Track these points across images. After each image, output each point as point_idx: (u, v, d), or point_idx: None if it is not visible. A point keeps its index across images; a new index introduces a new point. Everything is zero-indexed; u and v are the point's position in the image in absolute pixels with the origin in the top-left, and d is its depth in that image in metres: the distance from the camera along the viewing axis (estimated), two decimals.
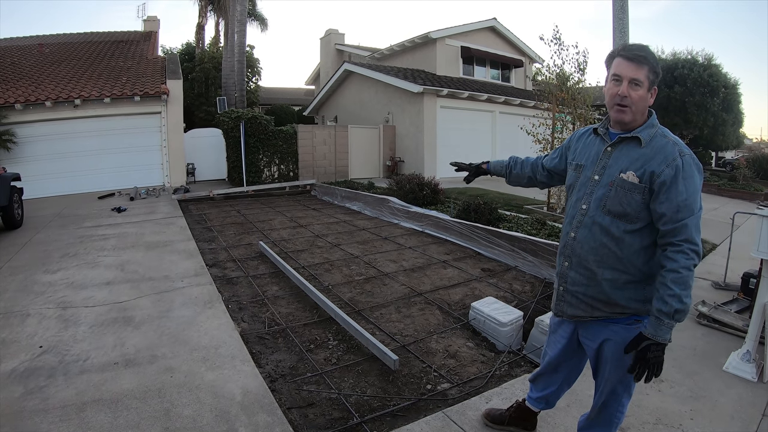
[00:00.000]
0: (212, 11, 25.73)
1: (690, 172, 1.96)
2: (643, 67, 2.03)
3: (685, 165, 1.96)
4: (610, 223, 2.11)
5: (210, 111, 20.50)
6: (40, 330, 4.27)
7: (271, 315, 4.89)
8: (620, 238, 2.09)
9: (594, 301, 2.19)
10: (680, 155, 1.97)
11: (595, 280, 2.17)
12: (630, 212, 2.06)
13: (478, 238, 7.63)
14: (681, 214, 1.93)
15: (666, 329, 1.93)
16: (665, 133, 2.08)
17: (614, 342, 2.17)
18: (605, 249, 2.13)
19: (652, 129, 2.09)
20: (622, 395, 2.27)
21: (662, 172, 1.98)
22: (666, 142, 2.03)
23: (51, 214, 10.14)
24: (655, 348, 1.94)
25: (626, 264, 2.09)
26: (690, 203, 1.93)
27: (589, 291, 2.20)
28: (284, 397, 3.36)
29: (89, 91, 13.76)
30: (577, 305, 2.27)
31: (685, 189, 1.94)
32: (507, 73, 22.14)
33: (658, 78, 2.07)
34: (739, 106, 22.56)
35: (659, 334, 1.93)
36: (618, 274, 2.10)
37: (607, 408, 2.32)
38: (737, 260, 5.91)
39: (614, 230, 2.10)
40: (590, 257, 2.18)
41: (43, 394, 3.20)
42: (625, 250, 2.09)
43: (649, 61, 2.04)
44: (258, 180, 15.41)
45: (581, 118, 9.86)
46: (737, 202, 14.27)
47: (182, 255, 6.89)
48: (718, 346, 4.14)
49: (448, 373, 3.83)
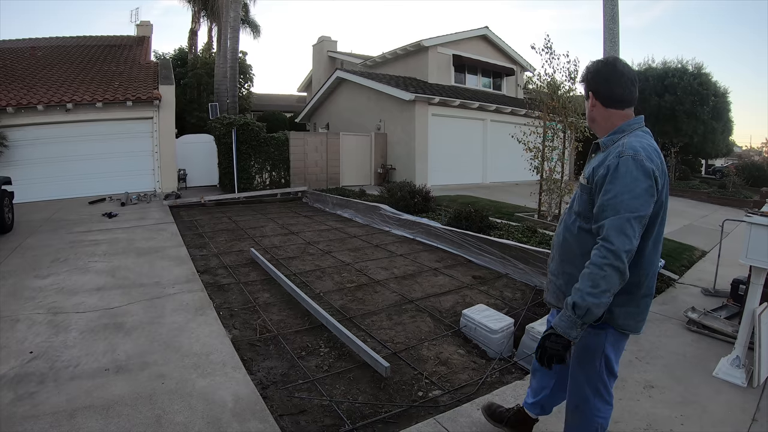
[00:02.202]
0: (205, 17, 25.73)
1: (622, 171, 1.96)
2: (583, 84, 2.30)
3: (620, 165, 1.97)
4: (572, 221, 2.25)
5: (202, 117, 20.45)
6: (30, 335, 4.25)
7: (263, 322, 4.90)
8: (577, 235, 2.21)
9: (559, 293, 2.32)
10: (618, 156, 2.00)
11: (560, 272, 2.32)
12: (582, 211, 2.18)
13: (469, 245, 7.66)
14: (604, 214, 1.96)
15: (567, 322, 1.97)
16: (625, 140, 2.09)
17: (579, 341, 2.15)
18: (567, 244, 2.28)
19: (617, 135, 2.17)
20: (591, 398, 2.28)
21: (598, 173, 2.06)
22: (616, 146, 2.09)
23: (42, 219, 10.07)
24: (554, 338, 2.00)
25: (583, 262, 2.06)
26: (615, 203, 1.94)
27: (558, 281, 2.34)
28: (276, 404, 3.37)
29: (81, 95, 13.71)
30: (552, 292, 2.40)
31: (612, 188, 1.96)
32: (498, 82, 22.26)
33: (597, 88, 2.23)
34: (729, 114, 22.82)
35: (560, 324, 1.98)
36: (575, 270, 2.12)
37: (582, 412, 2.33)
38: (727, 267, 5.96)
39: (573, 227, 2.23)
40: (558, 251, 2.35)
41: (34, 401, 3.19)
42: (581, 247, 2.16)
43: (585, 78, 2.28)
44: (249, 187, 15.38)
45: (572, 127, 9.93)
46: (727, 209, 14.40)
47: (173, 261, 6.88)
48: (708, 352, 4.18)
49: (439, 380, 3.85)
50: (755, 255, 3.58)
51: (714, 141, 22.28)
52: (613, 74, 2.19)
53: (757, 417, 3.19)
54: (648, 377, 3.71)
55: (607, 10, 10.61)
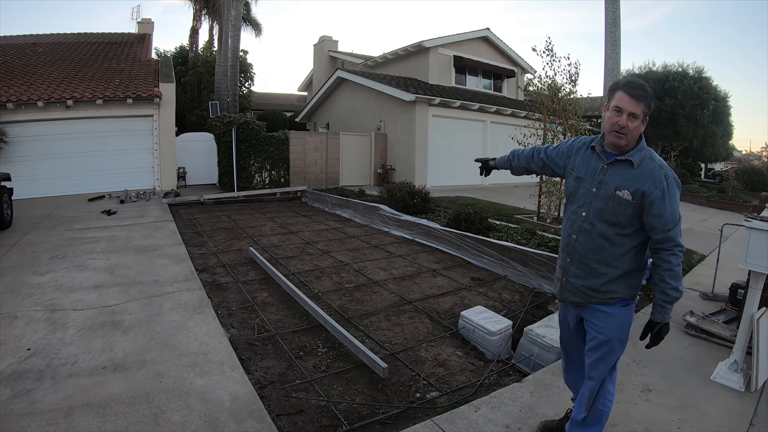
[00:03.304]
0: (206, 15, 25.70)
1: (672, 191, 2.37)
2: (641, 103, 2.36)
3: (669, 186, 2.36)
4: (606, 229, 2.49)
5: (202, 115, 20.42)
6: (27, 332, 4.25)
7: (261, 321, 4.90)
8: (614, 240, 2.49)
9: (590, 291, 2.59)
10: (665, 178, 2.36)
11: (593, 274, 2.57)
12: (623, 221, 2.45)
13: (468, 247, 7.67)
14: (668, 225, 2.35)
15: (669, 313, 2.47)
16: (653, 156, 2.46)
17: (613, 321, 2.57)
18: (603, 249, 2.53)
19: (642, 152, 2.44)
20: (606, 378, 2.63)
21: (652, 192, 2.35)
22: (654, 166, 2.41)
23: (40, 216, 10.07)
24: (666, 328, 2.49)
25: (620, 261, 2.51)
26: (674, 216, 2.36)
27: (587, 282, 2.59)
28: (273, 404, 3.37)
29: (82, 92, 13.69)
30: (576, 293, 2.65)
31: (670, 205, 2.35)
32: (499, 83, 22.27)
33: (651, 110, 2.43)
34: (729, 119, 22.89)
35: (666, 317, 2.47)
36: (612, 270, 2.52)
37: (597, 394, 2.63)
38: (725, 271, 5.97)
39: (610, 235, 2.49)
40: (590, 255, 2.56)
41: (31, 398, 3.18)
42: (618, 250, 2.50)
43: (647, 98, 2.37)
44: (249, 185, 15.40)
45: (572, 129, 9.93)
46: (726, 213, 14.42)
47: (172, 259, 6.87)
48: (706, 356, 4.18)
49: (437, 381, 3.86)
50: (754, 260, 3.58)
51: (714, 145, 22.35)
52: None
53: (754, 422, 3.19)
54: (646, 380, 3.71)
55: (608, 12, 10.61)
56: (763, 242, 3.52)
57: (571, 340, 2.91)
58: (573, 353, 2.93)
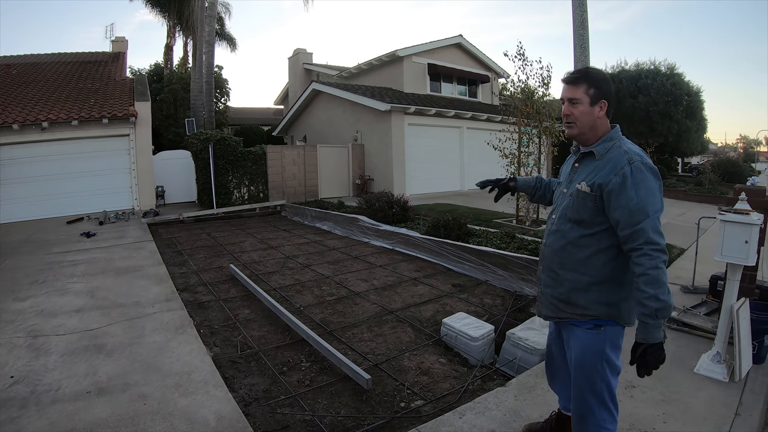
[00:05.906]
0: (180, 32, 25.67)
1: (640, 177, 2.09)
2: (580, 86, 2.26)
3: (634, 171, 2.10)
4: (570, 229, 2.33)
5: (179, 132, 20.36)
6: (10, 360, 4.23)
7: (243, 338, 4.92)
8: (578, 241, 2.30)
9: (557, 302, 2.40)
10: (629, 163, 2.13)
11: (558, 281, 2.39)
12: (585, 218, 2.26)
13: (447, 254, 7.76)
14: (635, 218, 2.07)
15: (654, 329, 2.05)
16: (621, 144, 2.25)
17: (578, 347, 2.35)
18: (565, 252, 2.35)
19: (610, 142, 2.28)
20: (595, 407, 2.34)
21: (610, 180, 2.15)
22: (618, 153, 2.20)
23: (19, 240, 9.96)
24: (652, 349, 2.07)
25: (586, 266, 2.28)
26: (643, 206, 2.07)
27: (554, 292, 2.41)
28: (258, 421, 3.40)
29: (57, 113, 13.57)
30: (547, 305, 2.49)
31: (636, 194, 2.08)
32: (474, 89, 22.53)
33: (603, 91, 2.27)
34: (703, 113, 23.36)
35: (650, 335, 2.06)
36: (578, 276, 2.30)
37: (585, 423, 2.40)
38: (705, 264, 6.06)
39: (573, 235, 2.31)
40: (555, 260, 2.40)
41: (16, 426, 3.18)
42: (583, 252, 2.28)
43: (586, 79, 2.27)
44: (228, 202, 15.38)
45: (546, 131, 10.11)
46: (704, 206, 14.66)
47: (153, 280, 6.85)
48: (689, 349, 4.22)
49: (421, 390, 3.91)
50: (730, 252, 3.63)
51: (689, 140, 22.76)
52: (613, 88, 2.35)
53: (739, 411, 3.23)
54: (629, 377, 3.68)
55: (576, 15, 10.85)
56: (738, 234, 3.58)
57: (552, 357, 2.77)
58: (558, 364, 2.75)
